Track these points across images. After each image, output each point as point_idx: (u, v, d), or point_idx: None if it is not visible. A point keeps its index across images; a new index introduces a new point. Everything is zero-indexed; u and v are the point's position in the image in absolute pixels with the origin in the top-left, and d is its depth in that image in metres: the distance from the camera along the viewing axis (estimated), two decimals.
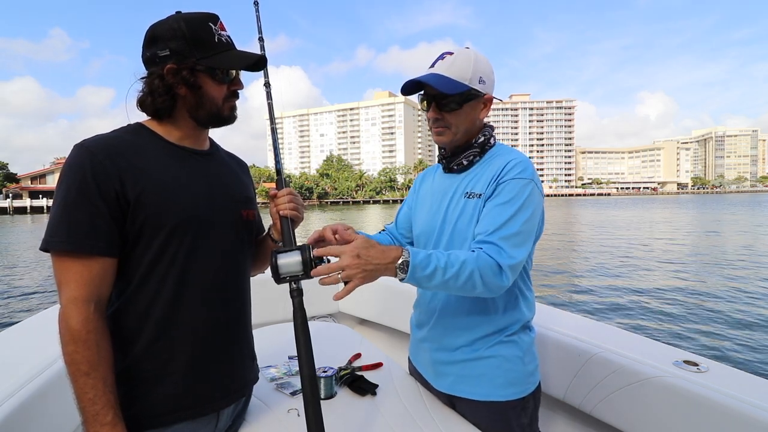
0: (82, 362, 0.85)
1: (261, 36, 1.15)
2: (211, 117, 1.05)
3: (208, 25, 1.00)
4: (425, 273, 0.98)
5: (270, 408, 1.29)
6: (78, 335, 0.85)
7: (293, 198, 1.11)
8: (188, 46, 0.97)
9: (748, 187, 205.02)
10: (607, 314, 6.78)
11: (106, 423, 0.85)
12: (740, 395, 1.16)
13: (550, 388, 1.60)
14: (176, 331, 0.98)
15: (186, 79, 0.98)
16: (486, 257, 1.02)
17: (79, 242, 0.86)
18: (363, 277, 0.94)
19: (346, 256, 0.93)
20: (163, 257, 0.95)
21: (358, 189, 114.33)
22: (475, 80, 1.16)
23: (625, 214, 34.69)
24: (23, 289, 9.65)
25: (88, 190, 0.87)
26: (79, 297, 0.86)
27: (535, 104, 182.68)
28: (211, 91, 1.02)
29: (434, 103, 1.19)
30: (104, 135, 0.97)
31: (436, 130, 1.23)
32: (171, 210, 0.95)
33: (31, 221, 41.41)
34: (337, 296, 0.95)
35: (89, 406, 0.85)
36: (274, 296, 1.58)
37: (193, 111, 1.03)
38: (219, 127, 1.09)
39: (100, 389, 0.85)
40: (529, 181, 1.12)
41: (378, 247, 0.96)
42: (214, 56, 1.00)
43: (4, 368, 1.27)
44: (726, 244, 14.84)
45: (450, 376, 1.24)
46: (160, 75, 0.97)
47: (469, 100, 1.18)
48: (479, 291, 1.02)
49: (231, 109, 1.07)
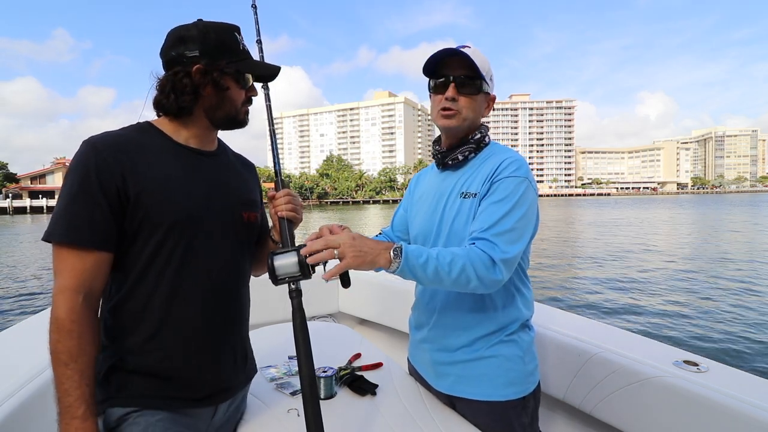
0: (63, 352, 0.86)
1: (259, 39, 1.16)
2: (228, 119, 1.09)
3: (234, 34, 1.05)
4: (419, 261, 0.99)
5: (270, 408, 1.29)
6: (62, 324, 0.87)
7: (291, 199, 1.12)
8: (218, 49, 1.02)
9: (748, 187, 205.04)
10: (607, 314, 6.78)
11: (77, 416, 0.86)
12: (740, 395, 1.16)
13: (550, 388, 1.60)
14: (172, 328, 0.99)
15: (216, 80, 1.02)
16: (478, 251, 1.03)
17: (76, 235, 0.89)
18: (356, 256, 0.96)
19: (343, 236, 0.97)
20: (160, 254, 0.97)
21: (358, 189, 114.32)
22: (488, 76, 1.21)
23: (625, 214, 34.69)
24: (23, 288, 9.65)
25: (91, 185, 0.90)
26: (69, 287, 0.88)
27: (535, 104, 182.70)
28: (234, 94, 1.06)
29: (454, 84, 1.19)
30: (112, 132, 0.99)
31: (445, 113, 1.20)
32: (169, 208, 0.97)
33: (30, 221, 41.41)
34: (327, 275, 0.96)
35: (64, 397, 0.86)
36: (274, 296, 1.58)
37: (211, 112, 1.06)
38: (232, 129, 1.12)
39: (75, 381, 0.86)
40: (524, 179, 1.13)
41: (372, 239, 1.03)
42: (241, 62, 1.05)
43: (4, 368, 1.27)
44: (726, 244, 14.84)
45: (450, 377, 1.24)
46: (188, 73, 1.00)
47: (482, 91, 1.21)
48: (474, 285, 1.03)
49: (246, 114, 1.11)
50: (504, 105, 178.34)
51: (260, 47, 1.15)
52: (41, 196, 66.24)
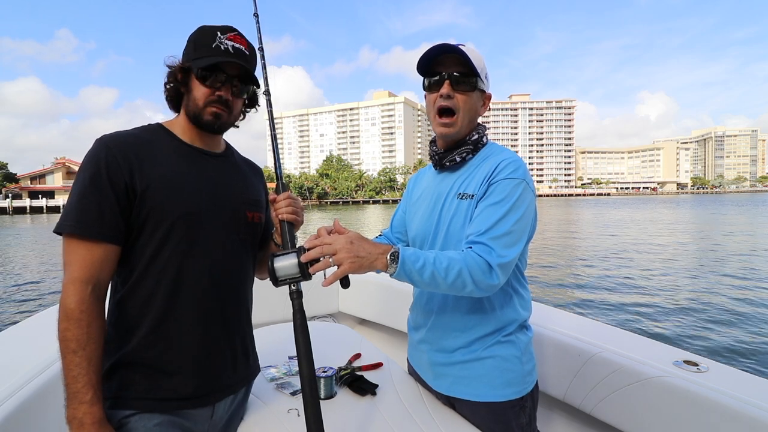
0: (72, 340, 0.89)
1: (261, 47, 1.16)
2: (194, 119, 1.07)
3: (216, 33, 1.05)
4: (416, 266, 0.99)
5: (270, 408, 1.29)
6: (71, 314, 0.90)
7: (292, 202, 1.12)
8: (192, 49, 1.05)
9: (747, 187, 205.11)
10: (607, 314, 6.79)
11: (85, 401, 0.88)
12: (740, 395, 1.16)
13: (550, 388, 1.61)
14: (174, 322, 1.01)
15: (177, 79, 1.06)
16: (475, 256, 1.03)
17: (87, 227, 0.92)
18: (353, 262, 0.95)
19: (339, 242, 0.96)
20: (164, 249, 1.00)
21: (357, 189, 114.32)
22: (483, 74, 1.20)
23: (625, 214, 34.69)
24: (24, 289, 9.65)
25: (101, 180, 0.94)
26: (79, 278, 0.91)
27: (535, 104, 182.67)
28: (196, 92, 1.05)
29: (449, 81, 1.18)
30: (123, 131, 1.04)
31: (443, 121, 1.20)
32: (173, 204, 1.00)
33: (30, 221, 41.42)
34: (326, 282, 0.96)
35: (72, 383, 0.89)
36: (275, 296, 1.58)
37: (188, 111, 1.08)
38: (202, 130, 1.09)
39: (84, 368, 0.89)
40: (521, 180, 1.12)
41: (370, 241, 1.01)
42: (203, 58, 1.03)
43: (4, 368, 1.27)
44: (726, 244, 14.84)
45: (449, 378, 1.24)
46: (173, 74, 1.07)
47: (478, 88, 1.21)
48: (470, 290, 1.03)
49: (212, 115, 1.05)
50: (504, 105, 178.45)
51: (262, 54, 1.15)
52: (41, 196, 66.22)
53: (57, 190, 67.49)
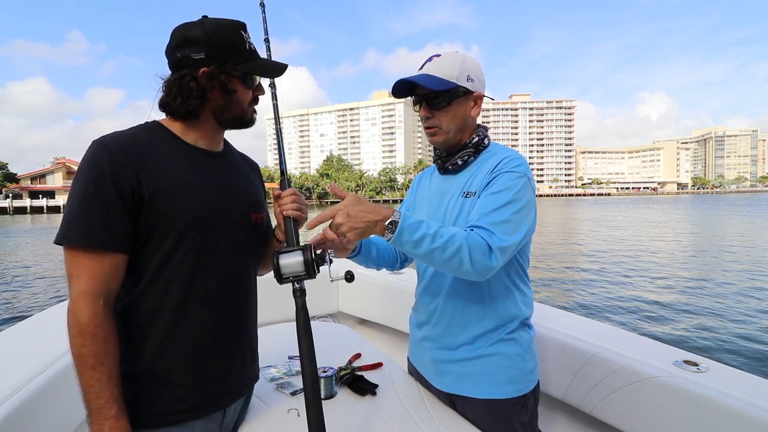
0: (89, 356, 0.86)
1: (267, 37, 1.15)
2: (236, 120, 1.08)
3: (240, 32, 1.03)
4: (413, 238, 0.98)
5: (270, 408, 1.29)
6: (86, 329, 0.86)
7: (297, 198, 1.11)
8: (224, 51, 1.00)
9: (748, 187, 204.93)
10: (607, 314, 6.79)
11: (110, 416, 0.86)
12: (740, 395, 1.16)
13: (550, 388, 1.61)
14: (184, 330, 0.98)
15: (223, 84, 1.01)
16: (477, 236, 1.03)
17: (94, 238, 0.87)
18: (354, 235, 0.98)
19: (339, 215, 0.98)
20: (173, 257, 0.96)
21: (358, 189, 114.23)
22: (463, 78, 1.19)
23: (625, 214, 34.66)
24: (23, 289, 9.65)
25: (106, 186, 0.88)
26: (89, 291, 0.87)
27: (535, 104, 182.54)
28: (241, 95, 1.06)
29: (424, 102, 1.22)
30: (122, 132, 0.98)
31: (428, 131, 1.25)
32: (182, 211, 0.96)
33: (30, 221, 41.40)
34: (312, 221, 1.01)
35: (94, 400, 0.86)
36: (275, 296, 1.58)
37: (219, 113, 1.05)
38: (239, 129, 1.12)
39: (105, 383, 0.86)
40: (522, 175, 1.14)
41: (368, 204, 1.00)
42: (247, 63, 1.03)
43: (5, 367, 1.27)
44: (726, 244, 14.83)
45: (451, 375, 1.24)
46: (195, 77, 0.99)
47: (457, 97, 1.21)
48: (465, 269, 1.02)
49: (253, 113, 1.11)
50: (504, 105, 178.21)
51: (267, 45, 1.14)
52: (41, 196, 66.26)
53: (57, 190, 67.55)
